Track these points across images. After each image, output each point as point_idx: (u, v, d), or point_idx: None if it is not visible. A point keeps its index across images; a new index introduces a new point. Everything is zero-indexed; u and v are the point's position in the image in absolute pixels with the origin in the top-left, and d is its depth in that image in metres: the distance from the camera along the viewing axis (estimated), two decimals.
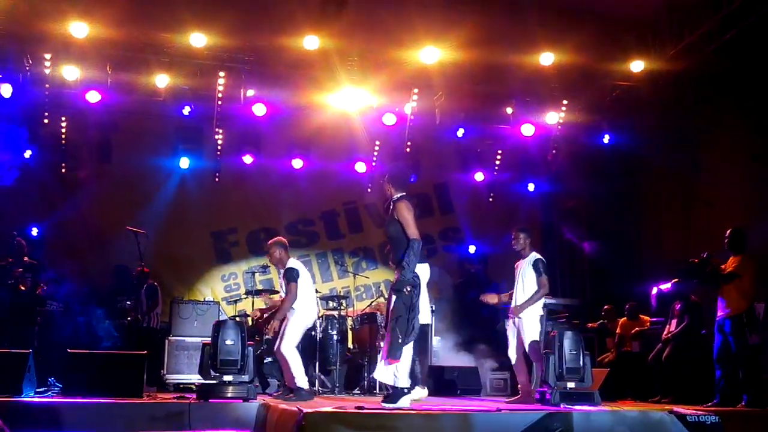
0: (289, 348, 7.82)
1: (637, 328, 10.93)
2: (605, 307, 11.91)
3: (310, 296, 8.12)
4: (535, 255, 8.29)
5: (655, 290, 10.83)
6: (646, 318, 11.05)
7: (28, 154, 12.34)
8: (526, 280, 8.20)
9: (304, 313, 8.00)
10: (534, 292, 8.09)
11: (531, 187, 14.42)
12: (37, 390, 7.66)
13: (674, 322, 9.71)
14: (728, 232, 8.49)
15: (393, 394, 6.33)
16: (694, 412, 6.05)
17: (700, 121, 11.48)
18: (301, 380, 7.72)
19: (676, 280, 9.32)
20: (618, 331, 11.24)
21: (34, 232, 12.21)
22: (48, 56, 11.21)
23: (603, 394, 7.40)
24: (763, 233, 9.24)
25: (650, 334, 10.65)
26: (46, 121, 11.98)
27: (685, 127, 11.68)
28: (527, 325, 8.11)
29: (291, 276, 7.92)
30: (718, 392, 8.40)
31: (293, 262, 8.13)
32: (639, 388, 10.18)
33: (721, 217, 10.43)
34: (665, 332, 9.78)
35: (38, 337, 10.19)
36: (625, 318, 11.23)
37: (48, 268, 12.15)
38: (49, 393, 7.68)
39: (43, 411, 6.32)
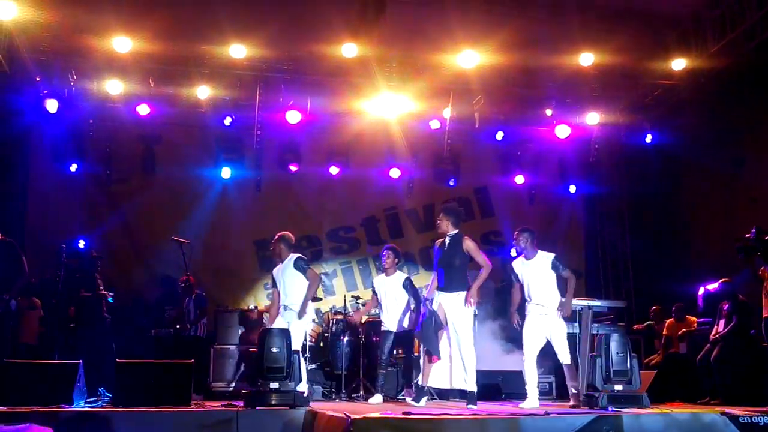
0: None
1: (684, 329, 10.79)
2: (653, 308, 11.77)
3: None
4: (547, 255, 8.14)
5: (702, 290, 10.67)
6: (693, 319, 10.90)
7: (74, 167, 12.58)
8: (544, 279, 8.08)
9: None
10: (569, 290, 7.97)
11: (573, 189, 14.30)
12: (88, 399, 7.79)
13: (722, 322, 9.54)
14: None
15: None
16: (747, 413, 5.95)
17: (742, 117, 11.33)
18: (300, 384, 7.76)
19: (740, 247, 8.41)
20: (665, 332, 11.10)
21: (81, 244, 12.38)
22: (92, 71, 11.43)
23: (651, 396, 7.31)
24: None
25: (698, 335, 10.50)
26: (92, 134, 12.18)
27: (727, 124, 11.53)
28: (560, 325, 8.00)
29: (306, 263, 8.21)
30: None
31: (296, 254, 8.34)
32: (687, 390, 10.04)
33: (766, 215, 10.26)
34: (713, 333, 9.63)
35: (87, 347, 10.34)
36: (672, 319, 11.09)
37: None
38: (99, 402, 7.79)
39: (94, 420, 6.41)
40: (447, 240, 7.83)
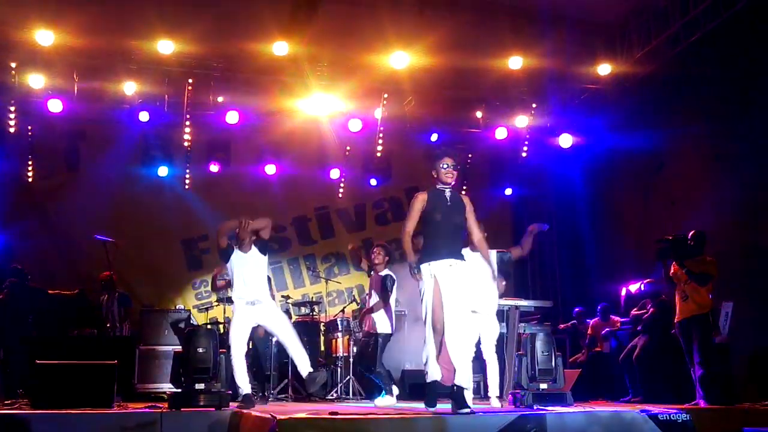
0: None
1: (607, 329, 11.02)
2: (576, 309, 11.99)
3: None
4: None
5: (624, 291, 10.93)
6: (617, 318, 11.14)
7: None
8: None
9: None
10: None
11: (509, 191, 14.49)
12: (5, 402, 7.55)
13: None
14: (691, 233, 8.56)
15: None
16: (666, 410, 6.10)
17: (662, 122, 11.62)
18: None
19: (660, 249, 8.77)
20: (589, 331, 11.33)
21: None
22: (13, 64, 11.08)
23: (575, 394, 7.45)
24: (724, 232, 9.38)
25: (621, 335, 10.74)
26: (12, 129, 11.81)
27: (648, 128, 11.81)
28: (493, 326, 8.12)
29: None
30: (700, 392, 8.44)
31: None
32: (610, 388, 10.26)
33: (682, 217, 10.56)
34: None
35: (3, 347, 10.01)
36: (597, 318, 11.32)
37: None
38: (18, 405, 7.56)
39: (12, 422, 6.21)
40: (453, 196, 6.49)
